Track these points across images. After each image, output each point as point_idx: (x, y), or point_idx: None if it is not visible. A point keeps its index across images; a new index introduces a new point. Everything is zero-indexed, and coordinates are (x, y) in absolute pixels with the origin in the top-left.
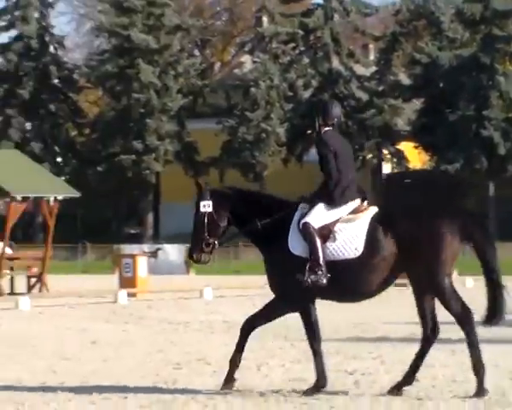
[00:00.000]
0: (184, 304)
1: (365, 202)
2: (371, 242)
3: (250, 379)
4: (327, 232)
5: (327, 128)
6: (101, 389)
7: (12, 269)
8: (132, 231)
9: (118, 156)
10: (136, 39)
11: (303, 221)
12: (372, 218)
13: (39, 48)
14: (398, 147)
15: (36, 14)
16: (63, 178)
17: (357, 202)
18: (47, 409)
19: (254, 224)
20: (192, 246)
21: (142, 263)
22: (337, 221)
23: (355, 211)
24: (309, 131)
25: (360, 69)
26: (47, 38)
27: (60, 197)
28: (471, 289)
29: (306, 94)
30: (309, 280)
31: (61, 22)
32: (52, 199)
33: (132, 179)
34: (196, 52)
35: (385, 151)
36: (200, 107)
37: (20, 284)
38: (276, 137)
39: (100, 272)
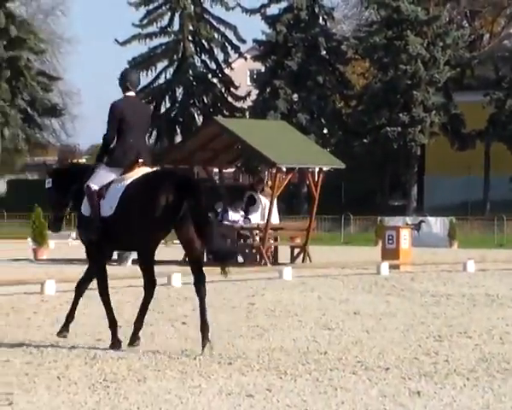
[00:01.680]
0: (447, 277)
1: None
2: (121, 203)
3: None
4: (102, 192)
5: (128, 93)
6: (361, 360)
7: (276, 239)
8: (396, 204)
9: (383, 128)
10: (405, 11)
11: (86, 184)
12: (130, 181)
13: (308, 19)
14: None
15: None
16: (328, 149)
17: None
18: (308, 378)
19: (69, 193)
20: (49, 219)
21: (406, 235)
22: (112, 182)
23: (125, 172)
24: None
25: None
26: (316, 10)
27: (325, 168)
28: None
29: None
30: (88, 235)
31: None
32: (317, 170)
33: (397, 151)
34: (465, 23)
35: None
36: (467, 79)
37: (284, 254)
38: None
39: (362, 243)
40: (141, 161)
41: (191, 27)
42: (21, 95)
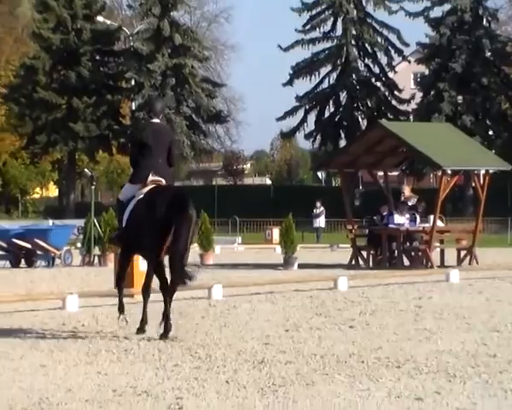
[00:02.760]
0: None
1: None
2: (129, 216)
3: None
4: (126, 205)
5: (152, 120)
6: None
7: (442, 242)
8: None
9: None
10: None
11: (117, 197)
12: (140, 197)
13: (472, 21)
14: None
15: None
16: (494, 151)
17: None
18: (477, 380)
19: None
20: None
21: None
22: (133, 197)
23: (141, 188)
24: None
25: None
26: (480, 11)
27: (491, 170)
28: None
29: None
30: (114, 238)
31: None
32: (483, 172)
33: None
34: None
35: None
36: None
37: (451, 256)
38: None
39: None
40: (153, 178)
41: (354, 32)
42: (186, 102)
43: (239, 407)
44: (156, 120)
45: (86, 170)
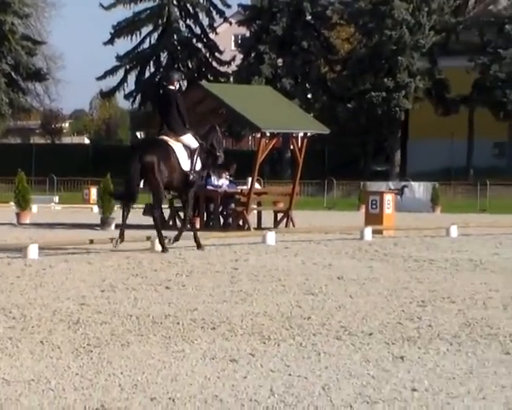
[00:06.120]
0: (430, 242)
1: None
2: None
3: None
4: None
5: (168, 87)
6: (345, 325)
7: (259, 204)
8: (379, 169)
9: (368, 93)
10: None
11: None
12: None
13: None
14: None
15: None
16: (313, 114)
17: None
18: (291, 343)
19: None
20: None
21: (389, 200)
22: None
23: None
24: None
25: None
26: None
27: (309, 133)
28: None
29: None
30: None
31: None
32: (301, 135)
33: (381, 116)
34: None
35: None
36: (452, 44)
37: (267, 218)
38: None
39: (345, 208)
40: (163, 132)
41: None
42: (5, 59)
43: (53, 367)
44: (171, 87)
45: None
